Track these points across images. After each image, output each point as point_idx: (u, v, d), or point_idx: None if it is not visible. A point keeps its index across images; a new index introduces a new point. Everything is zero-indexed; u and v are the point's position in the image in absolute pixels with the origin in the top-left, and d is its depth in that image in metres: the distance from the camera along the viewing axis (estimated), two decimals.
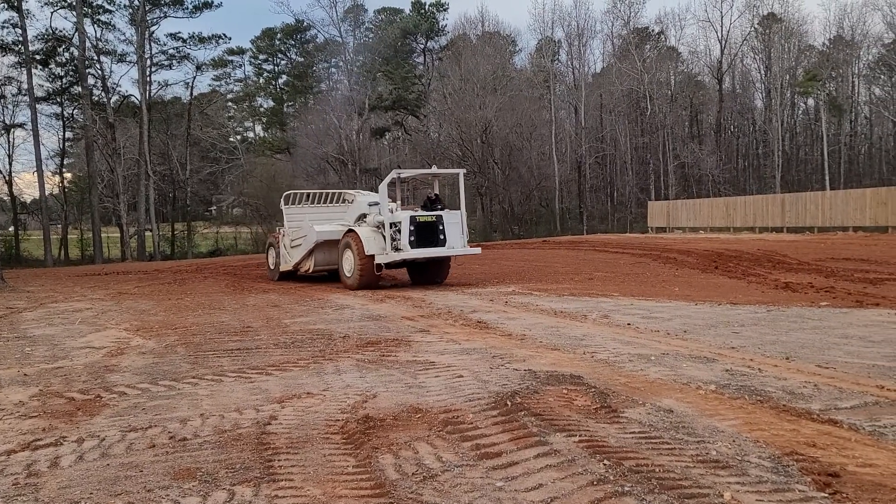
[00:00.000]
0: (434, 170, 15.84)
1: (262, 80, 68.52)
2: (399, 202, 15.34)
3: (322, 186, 40.38)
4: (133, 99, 42.08)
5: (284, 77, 66.84)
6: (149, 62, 41.14)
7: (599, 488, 3.24)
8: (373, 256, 14.11)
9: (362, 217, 15.46)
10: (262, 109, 68.96)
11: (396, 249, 13.99)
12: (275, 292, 14.32)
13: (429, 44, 60.48)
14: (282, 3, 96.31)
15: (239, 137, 63.38)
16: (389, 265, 14.43)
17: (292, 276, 17.23)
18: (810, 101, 55.05)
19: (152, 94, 41.99)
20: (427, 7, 59.51)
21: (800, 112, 57.26)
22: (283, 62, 67.20)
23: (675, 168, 51.98)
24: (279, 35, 63.91)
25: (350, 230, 14.85)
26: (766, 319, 8.50)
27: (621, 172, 54.20)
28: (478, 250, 15.84)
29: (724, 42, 54.86)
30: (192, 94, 46.01)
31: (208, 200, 53.80)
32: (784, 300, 10.38)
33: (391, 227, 14.07)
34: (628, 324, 8.52)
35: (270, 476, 3.58)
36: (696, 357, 6.28)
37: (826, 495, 3.09)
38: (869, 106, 54.70)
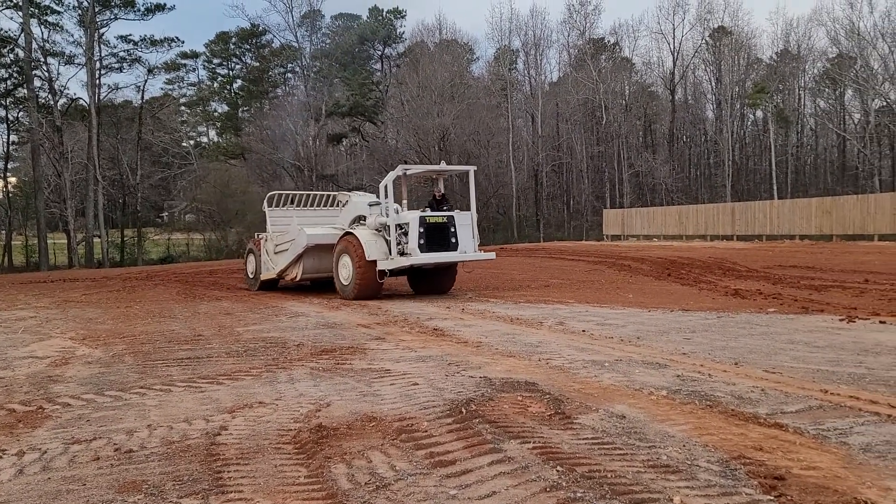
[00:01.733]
0: (443, 166, 14.41)
1: (216, 85, 67.60)
2: (405, 201, 13.89)
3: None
4: (82, 102, 41.14)
5: (239, 81, 66.05)
6: (98, 65, 40.23)
7: (552, 495, 3.25)
8: (375, 262, 12.86)
9: (359, 219, 14.28)
10: (216, 114, 68.01)
11: (402, 254, 12.78)
12: (228, 300, 14.09)
13: (386, 50, 60.52)
14: (236, 8, 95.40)
15: (192, 142, 62.41)
16: (394, 272, 13.21)
17: (274, 285, 16.20)
18: (759, 113, 56.62)
19: (102, 98, 41.06)
20: (384, 14, 59.55)
21: (749, 123, 58.82)
22: (237, 66, 66.44)
23: (630, 177, 52.87)
24: (234, 39, 63.15)
25: (347, 233, 13.60)
26: (717, 325, 8.67)
27: (577, 181, 54.91)
28: (492, 255, 14.64)
29: (676, 54, 56.19)
30: (143, 97, 45.14)
31: (160, 206, 52.77)
32: (733, 306, 10.60)
33: (397, 230, 12.88)
34: (583, 330, 8.59)
35: (219, 488, 3.50)
36: (648, 363, 6.36)
37: (772, 498, 3.14)
38: (814, 118, 56.47)
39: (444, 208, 13.84)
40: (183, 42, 50.58)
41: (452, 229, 13.14)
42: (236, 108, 65.91)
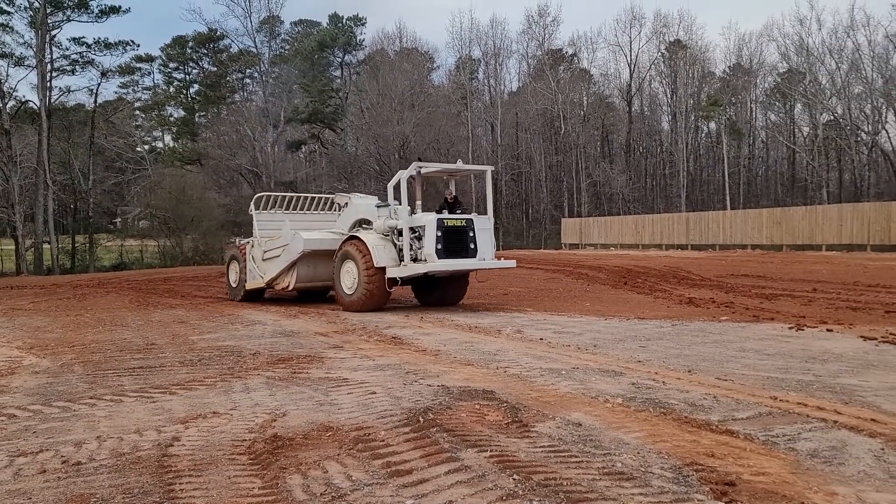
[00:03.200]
0: (459, 164, 13.19)
1: (172, 89, 66.49)
2: (420, 203, 12.72)
3: (235, 200, 39.42)
4: (31, 105, 40.00)
5: (196, 86, 65.08)
6: (49, 67, 39.23)
7: (509, 503, 3.26)
8: (384, 269, 11.89)
9: (361, 223, 13.30)
10: (171, 119, 66.84)
11: (415, 260, 11.82)
12: (182, 308, 13.83)
13: (346, 57, 60.30)
14: (193, 12, 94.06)
15: (147, 147, 61.24)
16: (404, 280, 12.14)
17: (259, 295, 15.19)
18: (712, 125, 57.91)
19: (53, 101, 40.03)
20: (344, 21, 59.37)
21: (703, 135, 60.11)
22: (194, 71, 65.47)
23: (588, 186, 53.55)
24: (191, 43, 62.22)
25: (352, 237, 12.57)
26: (671, 333, 8.82)
27: (536, 189, 55.40)
28: (512, 263, 13.33)
29: (633, 66, 57.20)
30: (96, 101, 44.14)
31: (113, 212, 51.58)
32: (687, 315, 10.80)
33: (411, 233, 11.95)
34: (541, 339, 8.66)
35: (171, 500, 3.42)
36: (604, 371, 6.43)
37: (723, 503, 3.20)
38: (765, 131, 58.01)
39: (458, 212, 12.82)
40: (138, 45, 49.58)
41: (471, 234, 12.18)
42: (193, 112, 64.86)
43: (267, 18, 49.10)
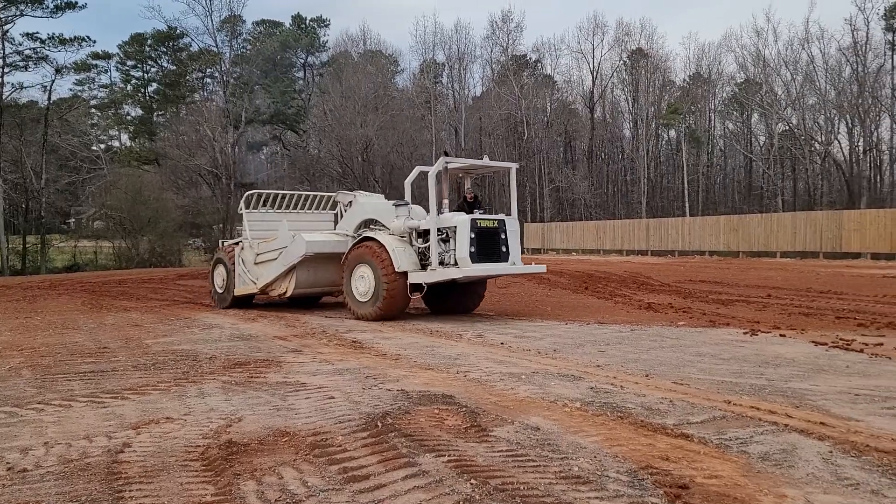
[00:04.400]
0: (485, 160, 12.24)
1: (129, 88, 65.17)
2: (447, 201, 11.75)
3: (194, 201, 38.78)
4: None
5: (155, 85, 63.92)
6: (1, 62, 38.16)
7: None
8: (405, 274, 11.03)
9: (367, 224, 12.39)
10: (129, 118, 65.51)
11: (442, 263, 10.97)
12: (137, 311, 13.53)
13: (309, 59, 59.93)
14: (152, 9, 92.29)
15: (103, 146, 59.92)
16: (432, 286, 11.17)
17: (248, 301, 14.05)
18: (672, 133, 58.90)
19: (5, 97, 38.94)
20: (307, 22, 58.98)
21: (663, 142, 61.09)
22: (153, 69, 64.22)
23: (551, 191, 54.00)
24: (150, 41, 61.10)
25: (366, 239, 11.59)
26: (630, 338, 8.91)
27: (499, 194, 55.63)
28: (542, 268, 12.60)
29: (595, 73, 57.88)
30: (50, 98, 43.00)
31: (66, 212, 50.31)
32: (646, 320, 10.93)
33: (438, 234, 11.06)
34: (502, 343, 8.68)
35: None
36: (563, 375, 6.47)
37: None
38: (723, 139, 59.19)
39: (479, 212, 11.85)
40: (94, 42, 48.68)
41: (503, 236, 11.35)
42: (151, 112, 63.68)
43: (228, 18, 48.40)
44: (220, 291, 14.28)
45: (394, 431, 4.54)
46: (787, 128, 49.83)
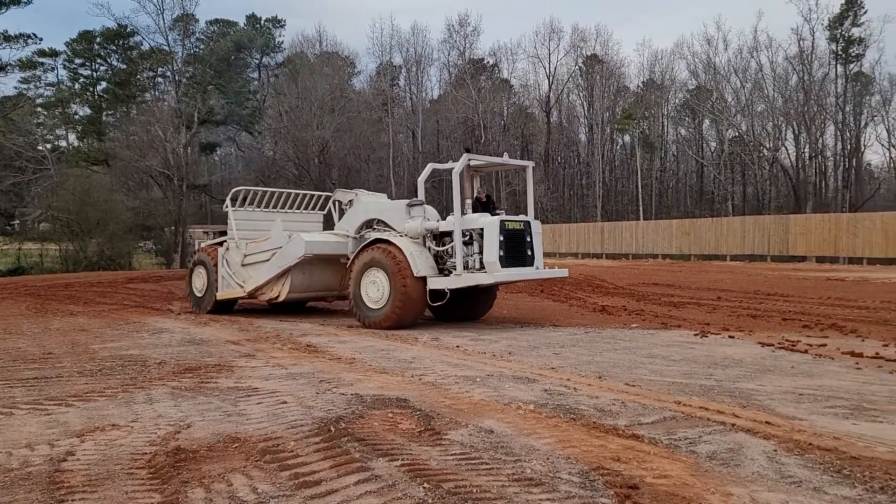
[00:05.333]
0: (505, 158, 11.72)
1: (77, 86, 63.47)
2: (469, 201, 11.11)
3: (144, 203, 37.95)
4: None
5: (104, 84, 62.33)
6: None
7: None
8: (424, 280, 10.35)
9: (370, 224, 11.74)
10: (77, 117, 63.74)
11: (467, 267, 10.32)
12: (84, 315, 13.16)
13: (264, 59, 59.23)
14: (101, 6, 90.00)
15: (49, 146, 58.18)
16: (451, 292, 10.44)
17: (230, 306, 13.34)
18: (627, 138, 59.86)
19: None
20: (262, 22, 58.30)
21: (618, 147, 62.04)
22: (102, 68, 62.63)
23: (508, 195, 54.32)
24: (99, 39, 59.59)
25: (378, 241, 10.85)
26: (584, 341, 9.01)
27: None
28: (564, 272, 11.99)
29: (551, 78, 58.48)
30: None
31: (10, 214, 48.72)
32: (600, 322, 11.07)
33: (463, 236, 10.39)
34: (457, 346, 8.69)
35: None
36: (518, 378, 6.50)
37: None
38: (676, 145, 60.38)
39: (501, 213, 11.17)
40: (41, 39, 47.31)
41: (528, 239, 10.82)
42: (100, 111, 62.04)
43: (181, 16, 47.50)
44: (200, 295, 13.41)
45: (347, 436, 4.50)
46: (737, 134, 51.09)
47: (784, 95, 48.48)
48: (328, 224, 14.29)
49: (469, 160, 10.80)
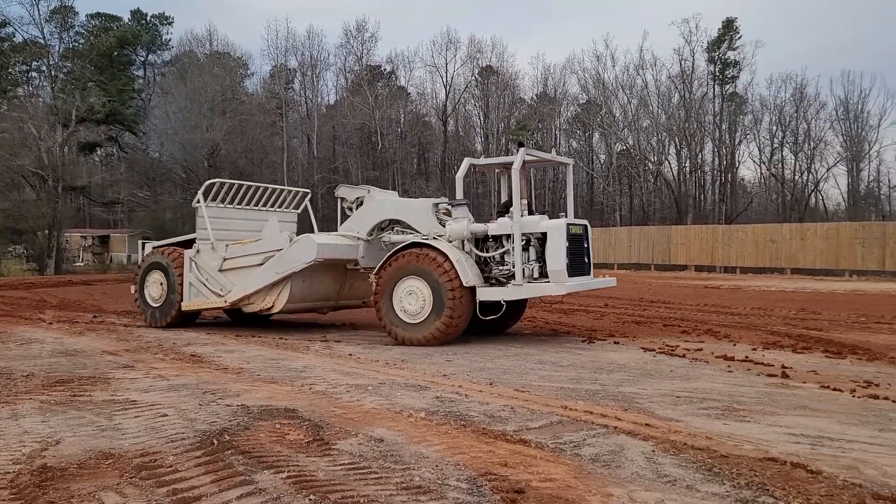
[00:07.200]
0: (553, 154, 11.00)
1: None
2: (526, 201, 9.96)
3: (16, 204, 35.47)
4: None
5: None
6: None
7: None
8: (473, 289, 9.28)
9: (383, 225, 10.62)
10: None
11: (525, 276, 9.27)
12: None
13: (150, 57, 56.72)
14: None
15: None
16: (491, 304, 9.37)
17: (191, 319, 11.92)
18: (517, 148, 61.24)
19: None
20: (148, 18, 55.86)
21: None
22: None
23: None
24: None
25: (416, 245, 9.61)
26: (476, 347, 9.12)
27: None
28: (613, 281, 11.26)
29: (448, 87, 59.09)
30: None
31: None
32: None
33: (510, 242, 9.44)
34: (350, 354, 8.59)
35: None
36: (410, 385, 6.49)
37: None
38: (568, 156, 62.37)
39: (538, 215, 10.07)
40: None
41: (586, 245, 9.92)
42: None
43: (58, 8, 44.95)
44: (157, 305, 11.67)
45: (231, 449, 4.34)
46: (625, 147, 53.42)
47: (667, 112, 51.18)
48: (302, 224, 13.45)
49: (527, 154, 9.92)
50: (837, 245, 28.72)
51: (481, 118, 60.21)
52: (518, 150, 9.84)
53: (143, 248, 12.77)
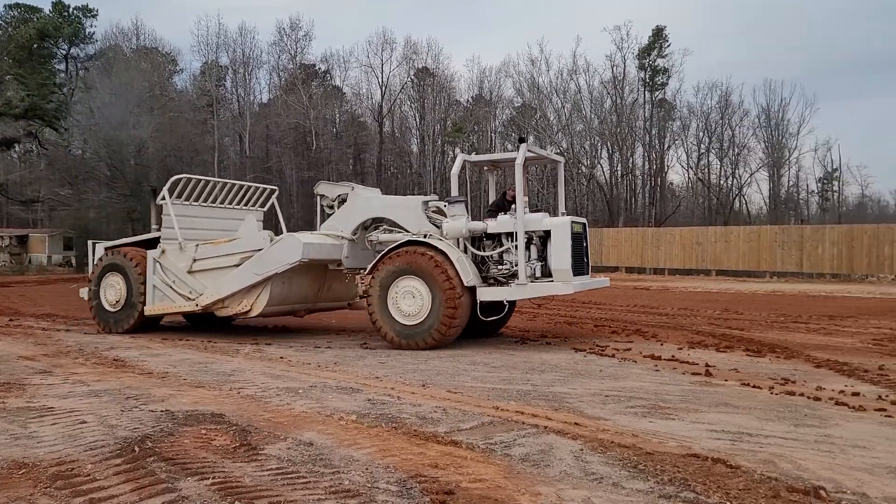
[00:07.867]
0: (548, 151, 9.84)
1: None
2: (527, 199, 9.70)
3: None
4: None
5: None
6: None
7: None
8: (474, 289, 9.04)
9: (370, 223, 10.27)
10: None
11: (528, 275, 9.03)
12: None
13: (73, 50, 54.46)
14: None
15: None
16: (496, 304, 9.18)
17: (154, 323, 11.22)
18: (457, 150, 61.57)
19: None
20: (71, 10, 53.70)
21: (449, 159, 63.58)
22: None
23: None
24: None
25: (413, 243, 9.26)
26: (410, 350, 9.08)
27: (287, 204, 54.48)
28: (606, 282, 10.97)
29: (384, 88, 58.87)
30: None
31: None
32: None
33: (509, 240, 9.25)
34: (281, 357, 8.45)
35: None
36: (342, 388, 6.42)
37: None
38: None
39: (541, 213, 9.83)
40: None
41: (585, 244, 9.73)
42: None
43: None
44: (115, 310, 10.97)
45: (153, 456, 4.20)
46: (559, 151, 54.28)
47: (599, 117, 52.24)
48: (267, 222, 12.93)
49: (528, 150, 9.62)
50: (759, 247, 29.87)
51: (417, 119, 60.21)
52: (519, 146, 9.62)
53: (93, 250, 11.93)
